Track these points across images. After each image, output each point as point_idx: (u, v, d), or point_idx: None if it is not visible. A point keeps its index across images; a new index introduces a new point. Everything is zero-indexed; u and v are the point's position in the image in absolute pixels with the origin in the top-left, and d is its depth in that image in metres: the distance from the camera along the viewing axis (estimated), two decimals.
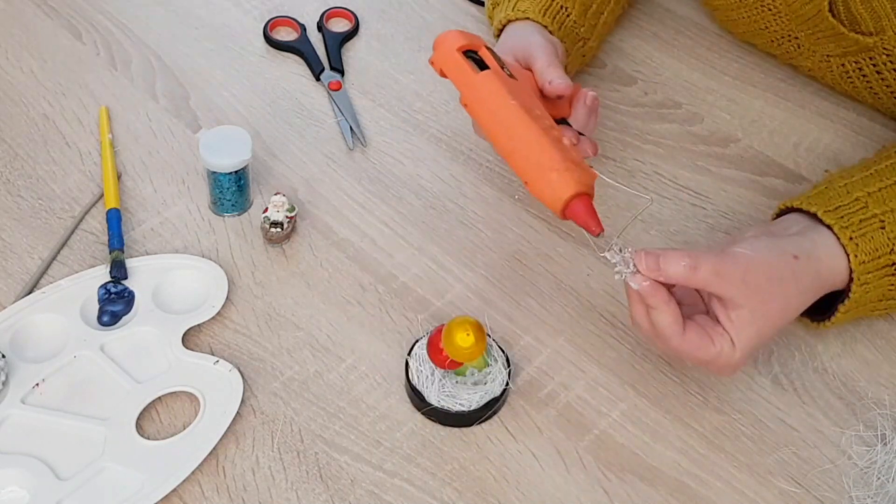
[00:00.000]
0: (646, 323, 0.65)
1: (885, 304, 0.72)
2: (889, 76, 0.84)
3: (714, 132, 0.90)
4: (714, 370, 0.67)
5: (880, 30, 0.80)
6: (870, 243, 0.69)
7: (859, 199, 0.70)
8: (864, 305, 0.71)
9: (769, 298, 0.65)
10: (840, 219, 0.69)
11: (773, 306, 0.65)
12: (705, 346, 0.64)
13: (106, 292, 0.73)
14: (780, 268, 0.66)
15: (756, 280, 0.64)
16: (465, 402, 0.68)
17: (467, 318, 0.67)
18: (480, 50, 0.72)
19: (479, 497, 0.65)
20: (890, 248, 0.69)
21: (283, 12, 1.00)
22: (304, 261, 0.78)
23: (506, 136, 0.67)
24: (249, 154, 0.78)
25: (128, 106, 0.89)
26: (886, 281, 0.70)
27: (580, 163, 0.65)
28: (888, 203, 0.70)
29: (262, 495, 0.65)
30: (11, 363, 0.68)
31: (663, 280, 0.63)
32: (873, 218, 0.69)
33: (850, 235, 0.69)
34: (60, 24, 0.97)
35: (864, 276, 0.69)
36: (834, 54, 0.86)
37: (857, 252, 0.68)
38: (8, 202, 0.81)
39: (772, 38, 0.91)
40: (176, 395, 0.69)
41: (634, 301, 0.65)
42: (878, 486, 0.66)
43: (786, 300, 0.66)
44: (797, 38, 0.88)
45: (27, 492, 0.63)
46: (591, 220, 0.63)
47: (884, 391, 0.72)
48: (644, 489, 0.66)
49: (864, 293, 0.70)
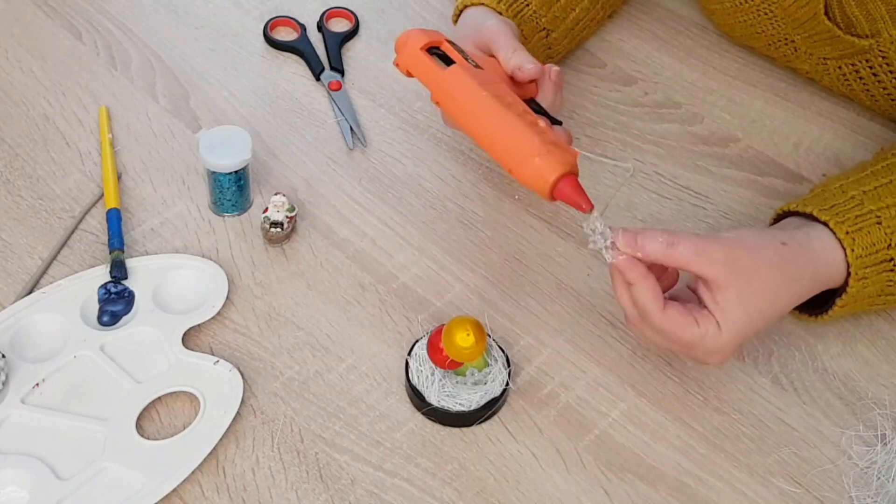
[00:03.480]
0: (629, 303, 0.65)
1: (884, 300, 0.72)
2: (885, 78, 0.84)
3: (714, 132, 0.90)
4: (701, 356, 0.66)
5: (876, 32, 0.80)
6: (866, 238, 0.69)
7: (855, 197, 0.70)
8: (862, 300, 0.71)
9: (755, 281, 0.64)
10: (836, 215, 0.69)
11: (761, 290, 0.65)
12: (688, 325, 0.64)
13: (106, 292, 0.73)
14: (768, 252, 0.66)
15: (741, 261, 0.64)
16: (465, 402, 0.68)
17: (467, 318, 0.67)
18: (443, 45, 0.72)
19: (479, 497, 0.65)
20: (887, 242, 0.69)
21: (283, 12, 1.00)
22: (304, 261, 0.78)
23: (483, 128, 0.67)
24: (249, 154, 0.78)
25: (128, 106, 0.89)
26: (885, 276, 0.70)
27: (560, 143, 0.65)
28: (884, 199, 0.70)
29: (262, 495, 0.65)
30: (11, 363, 0.68)
31: (641, 256, 0.64)
32: (869, 214, 0.69)
33: (847, 230, 0.69)
34: (60, 24, 0.97)
35: (862, 270, 0.69)
36: (830, 57, 0.86)
37: (854, 246, 0.68)
38: (8, 202, 0.81)
39: (769, 42, 0.91)
40: (176, 395, 0.69)
41: (616, 281, 0.65)
42: (878, 486, 0.66)
43: (774, 285, 0.65)
44: (793, 42, 0.88)
45: (27, 492, 0.63)
46: (580, 198, 0.63)
47: (884, 391, 0.72)
48: (644, 489, 0.66)
49: (861, 288, 0.69)
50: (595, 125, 0.90)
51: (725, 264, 0.64)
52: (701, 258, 0.64)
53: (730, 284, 0.64)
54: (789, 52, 0.90)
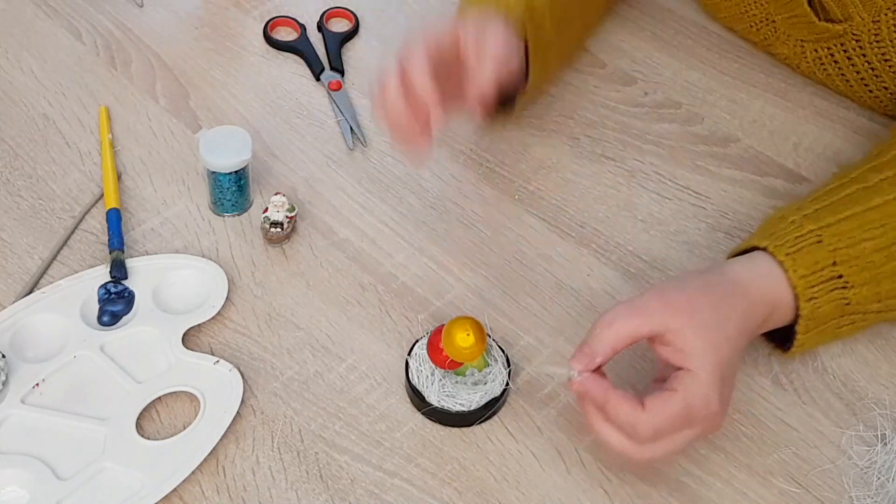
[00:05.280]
0: (612, 431, 0.62)
1: (850, 319, 0.70)
2: (859, 62, 0.84)
3: (714, 132, 0.90)
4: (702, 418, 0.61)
5: (847, 16, 0.81)
6: (807, 257, 0.67)
7: (794, 221, 0.69)
8: (825, 324, 0.69)
9: (697, 313, 0.62)
10: (774, 240, 0.68)
11: (706, 317, 0.62)
12: (670, 398, 0.60)
13: (106, 292, 0.73)
14: (694, 282, 0.65)
15: (674, 300, 0.63)
16: (465, 402, 0.68)
17: (467, 318, 0.67)
18: None
19: (479, 497, 0.65)
20: (831, 260, 0.67)
21: (283, 12, 1.00)
22: (304, 261, 0.78)
23: None
24: (249, 154, 0.78)
25: (128, 106, 0.89)
26: (837, 295, 0.68)
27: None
28: (824, 219, 0.69)
29: (262, 495, 0.65)
30: (11, 363, 0.68)
31: (599, 359, 0.62)
32: (809, 234, 0.68)
33: (787, 252, 0.67)
34: (60, 24, 0.97)
35: (809, 290, 0.67)
36: (808, 40, 0.87)
37: (796, 267, 0.67)
38: (8, 202, 0.81)
39: (751, 23, 0.92)
40: (176, 395, 0.69)
41: (589, 415, 0.63)
42: (878, 486, 0.66)
43: (713, 308, 0.63)
44: (774, 22, 0.89)
45: (27, 492, 0.63)
46: None
47: (884, 391, 0.72)
48: (644, 489, 0.66)
49: (814, 309, 0.67)
50: (595, 125, 0.90)
51: (664, 309, 0.62)
52: (642, 316, 0.62)
53: (677, 324, 0.62)
54: (770, 34, 0.91)
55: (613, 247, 0.80)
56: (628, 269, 0.79)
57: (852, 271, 0.68)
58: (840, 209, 0.69)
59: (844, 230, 0.68)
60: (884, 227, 0.68)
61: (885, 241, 0.68)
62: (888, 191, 0.70)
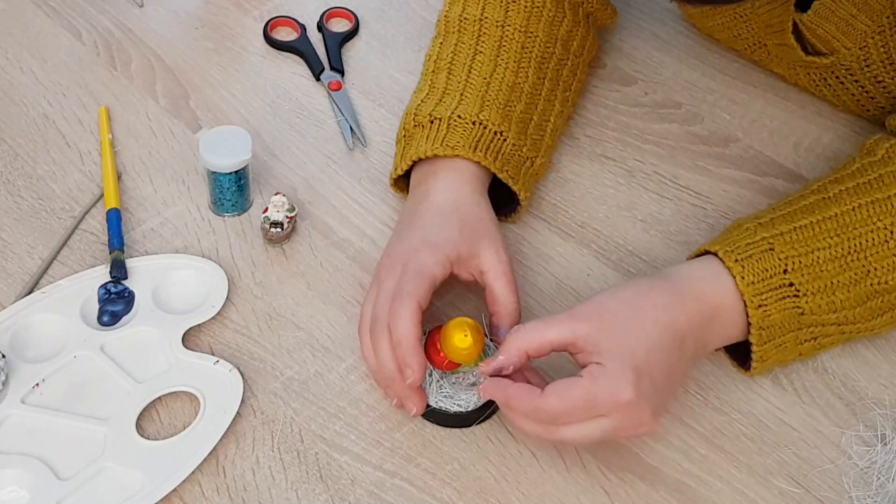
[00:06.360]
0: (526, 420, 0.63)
1: (810, 333, 0.69)
2: (852, 87, 0.85)
3: (714, 132, 0.90)
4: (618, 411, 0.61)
5: (832, 51, 0.81)
6: (757, 264, 0.66)
7: (748, 229, 0.69)
8: (782, 336, 0.68)
9: (604, 313, 0.63)
10: (725, 244, 0.68)
11: (614, 317, 0.63)
12: (573, 384, 0.61)
13: (106, 292, 0.73)
14: (617, 289, 0.66)
15: (582, 308, 0.64)
16: (463, 403, 0.68)
17: (465, 320, 0.67)
18: None
19: (479, 497, 0.65)
20: (783, 267, 0.66)
21: (283, 12, 1.00)
22: (304, 261, 0.78)
23: None
24: (249, 154, 0.78)
25: (128, 106, 0.89)
26: (789, 303, 0.67)
27: None
28: (778, 227, 0.68)
29: (262, 495, 0.65)
30: (11, 363, 0.68)
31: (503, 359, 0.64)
32: (762, 241, 0.67)
33: (736, 258, 0.66)
34: (60, 24, 0.97)
35: (757, 297, 0.66)
36: (800, 65, 0.87)
37: (744, 273, 0.66)
38: (8, 202, 0.81)
39: (745, 46, 0.92)
40: (176, 395, 0.69)
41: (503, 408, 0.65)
42: (878, 486, 0.66)
43: (626, 306, 0.64)
44: (766, 46, 0.89)
45: (27, 492, 0.63)
46: None
47: (884, 391, 0.72)
48: (644, 489, 0.66)
49: (764, 316, 0.66)
50: (595, 125, 0.90)
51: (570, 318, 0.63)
52: (545, 325, 0.64)
53: (584, 330, 0.62)
54: (763, 56, 0.91)
55: (613, 247, 0.80)
56: (628, 269, 0.79)
57: (804, 279, 0.67)
58: (796, 218, 0.69)
59: (798, 238, 0.68)
60: (839, 237, 0.68)
61: (840, 251, 0.67)
62: (846, 201, 0.69)
